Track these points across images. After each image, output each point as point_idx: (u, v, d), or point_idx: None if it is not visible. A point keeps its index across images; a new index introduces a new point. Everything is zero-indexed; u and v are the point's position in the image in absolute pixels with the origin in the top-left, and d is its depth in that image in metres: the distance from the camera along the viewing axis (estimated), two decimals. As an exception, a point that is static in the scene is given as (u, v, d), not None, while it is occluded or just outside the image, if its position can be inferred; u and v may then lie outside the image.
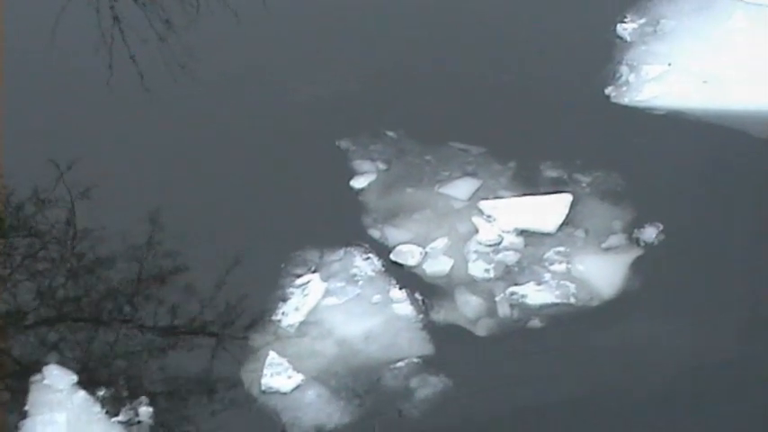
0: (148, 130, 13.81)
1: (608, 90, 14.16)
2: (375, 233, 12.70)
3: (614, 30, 14.93)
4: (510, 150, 13.48)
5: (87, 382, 11.08)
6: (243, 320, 11.78)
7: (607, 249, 12.36)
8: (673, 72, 14.28)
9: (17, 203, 12.81)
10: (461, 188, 13.11)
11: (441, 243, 12.54)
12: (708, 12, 15.00)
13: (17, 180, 12.91)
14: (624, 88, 14.15)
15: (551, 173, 13.21)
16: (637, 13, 15.15)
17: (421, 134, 13.76)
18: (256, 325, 11.72)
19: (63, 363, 11.27)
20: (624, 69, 14.39)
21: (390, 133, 13.78)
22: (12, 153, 13.07)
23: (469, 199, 12.99)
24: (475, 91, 14.33)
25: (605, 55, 14.61)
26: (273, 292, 12.05)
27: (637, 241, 12.39)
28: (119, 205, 12.61)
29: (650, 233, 12.42)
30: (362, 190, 13.20)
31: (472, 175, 13.26)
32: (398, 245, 12.53)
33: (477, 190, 13.07)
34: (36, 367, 11.15)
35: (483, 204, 12.87)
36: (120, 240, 12.27)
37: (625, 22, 15.01)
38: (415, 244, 12.53)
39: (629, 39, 14.82)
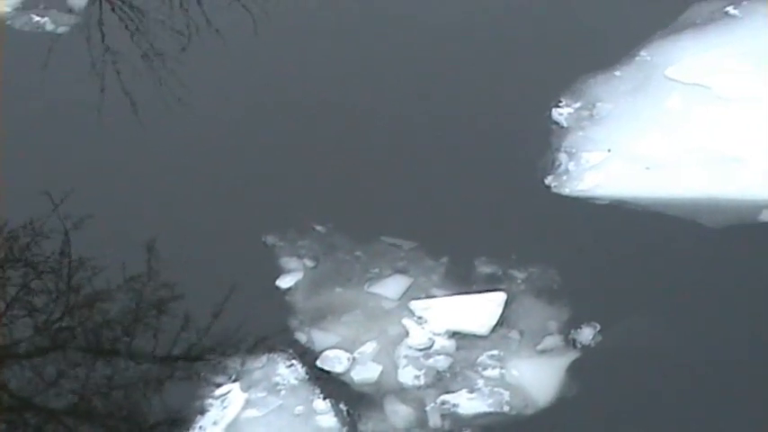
0: (140, 160, 13.97)
1: (548, 180, 13.62)
2: (301, 337, 12.13)
3: (549, 115, 14.40)
4: (443, 245, 12.94)
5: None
6: (157, 438, 11.17)
7: (542, 352, 11.79)
8: (613, 158, 13.78)
9: (12, 235, 12.74)
10: (392, 287, 12.53)
11: (369, 347, 11.95)
12: (643, 92, 14.54)
13: (12, 212, 12.75)
14: (564, 177, 13.63)
15: (485, 269, 12.64)
16: (571, 96, 14.63)
17: (351, 228, 13.23)
18: (172, 442, 11.11)
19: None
20: (563, 157, 13.87)
21: (319, 227, 13.20)
22: (6, 185, 12.87)
23: (400, 299, 12.42)
24: (407, 182, 13.77)
25: (542, 142, 14.08)
26: (191, 404, 11.48)
27: (573, 343, 11.83)
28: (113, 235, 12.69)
29: (587, 334, 11.85)
30: (289, 290, 12.64)
31: (403, 272, 12.70)
32: (325, 350, 11.98)
33: (409, 288, 12.52)
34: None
35: (414, 305, 12.30)
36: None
37: (560, 107, 14.47)
38: (342, 349, 11.96)
39: (565, 124, 14.29)
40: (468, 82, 14.87)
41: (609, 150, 13.86)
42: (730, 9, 15.60)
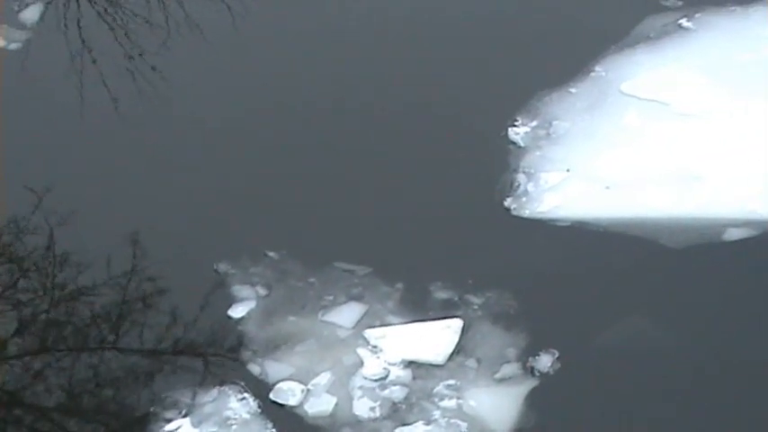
0: (122, 155, 13.96)
1: (507, 202, 13.34)
2: (254, 368, 11.84)
3: (506, 134, 14.10)
4: (398, 270, 12.65)
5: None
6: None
7: (500, 380, 11.52)
8: (572, 178, 13.51)
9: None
10: (346, 315, 12.24)
11: (324, 378, 11.66)
12: (600, 110, 14.29)
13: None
14: (524, 199, 13.36)
15: (442, 294, 12.36)
16: (527, 115, 14.34)
17: (304, 254, 12.92)
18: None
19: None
20: (521, 178, 13.59)
21: (272, 254, 12.88)
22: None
23: (354, 327, 12.13)
24: (362, 205, 13.48)
25: (500, 163, 13.79)
26: (140, 441, 11.11)
27: (531, 371, 11.55)
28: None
29: (545, 361, 11.58)
30: (241, 319, 12.32)
31: (358, 299, 12.41)
32: (279, 382, 11.69)
33: (363, 316, 12.23)
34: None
35: (369, 333, 12.01)
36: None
37: (516, 126, 14.19)
38: (296, 380, 11.68)
39: (522, 144, 14.02)
40: (420, 103, 14.57)
41: (568, 170, 13.61)
42: (684, 21, 15.39)
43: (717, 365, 11.58)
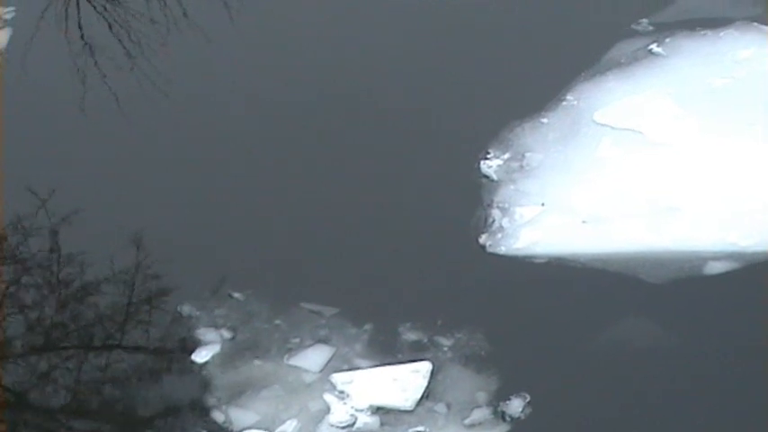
0: (124, 154, 14.12)
1: (482, 239, 12.95)
2: (218, 416, 11.50)
3: (478, 168, 13.73)
4: (367, 311, 12.28)
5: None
6: None
7: (471, 426, 11.13)
8: (548, 213, 13.15)
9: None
10: (312, 358, 11.88)
11: (290, 426, 11.31)
12: (574, 140, 13.93)
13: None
14: (499, 235, 12.98)
15: (411, 336, 11.99)
16: (499, 147, 13.97)
17: (270, 294, 12.56)
18: None
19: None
20: (496, 213, 13.21)
21: (237, 294, 12.53)
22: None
23: (321, 371, 11.77)
24: (329, 244, 13.12)
25: (473, 197, 13.40)
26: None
27: (502, 415, 11.17)
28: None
29: (516, 406, 11.20)
30: (205, 364, 11.95)
31: (325, 341, 12.05)
32: (244, 429, 11.34)
33: (330, 359, 11.87)
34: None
35: (336, 378, 11.64)
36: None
37: (488, 159, 13.82)
38: (261, 428, 11.33)
39: (495, 177, 13.64)
40: (390, 135, 14.24)
41: (543, 204, 13.26)
42: (654, 47, 15.04)
43: (698, 405, 11.23)
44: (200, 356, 12.01)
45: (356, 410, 11.31)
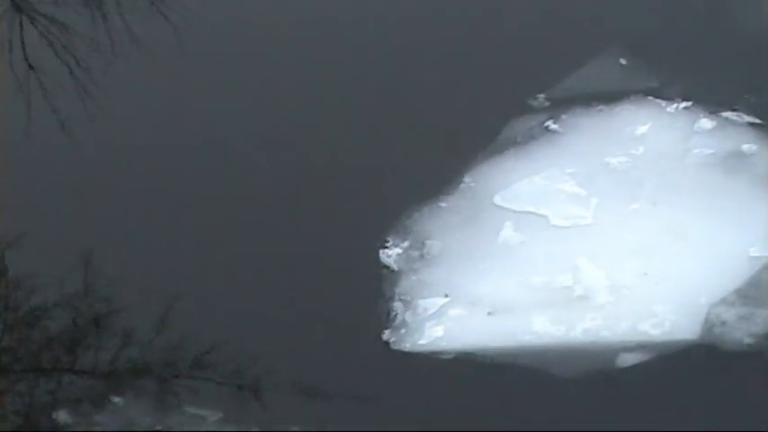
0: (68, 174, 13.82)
1: (386, 335, 12.47)
2: None
3: (377, 257, 13.12)
4: (252, 417, 11.34)
5: None
6: None
7: None
8: (452, 304, 12.69)
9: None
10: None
11: None
12: (475, 225, 13.45)
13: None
14: (403, 330, 12.50)
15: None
16: (398, 235, 13.38)
17: (151, 397, 11.53)
18: None
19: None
20: (398, 306, 12.71)
21: (116, 398, 11.55)
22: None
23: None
24: (221, 345, 12.14)
25: (373, 290, 12.85)
26: None
27: None
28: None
29: None
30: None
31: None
32: None
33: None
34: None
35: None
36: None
37: (388, 248, 13.22)
38: None
39: (395, 267, 13.08)
40: (286, 231, 13.52)
41: (446, 295, 12.80)
42: (551, 124, 14.62)
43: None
44: None
45: None
